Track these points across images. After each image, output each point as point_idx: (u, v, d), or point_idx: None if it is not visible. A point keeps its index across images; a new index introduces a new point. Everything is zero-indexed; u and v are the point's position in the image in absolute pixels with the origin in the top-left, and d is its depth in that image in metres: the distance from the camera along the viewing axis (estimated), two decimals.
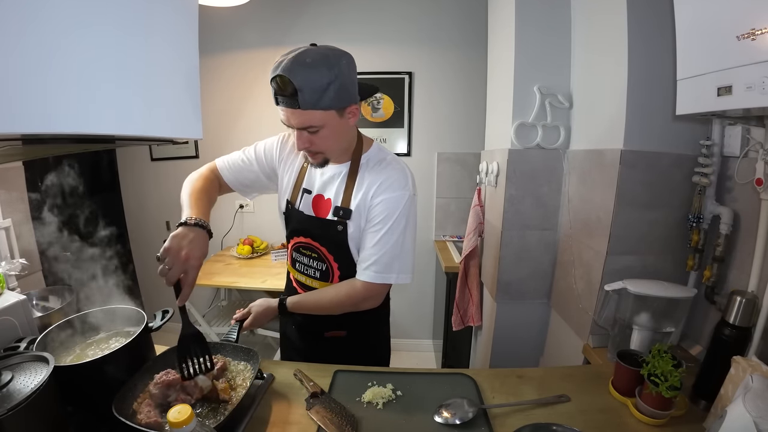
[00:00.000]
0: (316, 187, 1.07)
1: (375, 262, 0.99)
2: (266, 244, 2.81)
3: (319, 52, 0.86)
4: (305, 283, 1.12)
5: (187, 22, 0.63)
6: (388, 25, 2.53)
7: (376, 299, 1.06)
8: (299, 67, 0.83)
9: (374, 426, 0.81)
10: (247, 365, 0.92)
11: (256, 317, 1.09)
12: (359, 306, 1.04)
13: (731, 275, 1.08)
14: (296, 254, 1.13)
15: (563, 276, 1.53)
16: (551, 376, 1.01)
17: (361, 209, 1.00)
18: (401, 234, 0.99)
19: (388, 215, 0.98)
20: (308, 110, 0.86)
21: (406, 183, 1.00)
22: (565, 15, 1.47)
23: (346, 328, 1.12)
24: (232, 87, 2.77)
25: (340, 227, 1.01)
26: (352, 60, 0.91)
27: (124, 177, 3.04)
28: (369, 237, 1.00)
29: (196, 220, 0.87)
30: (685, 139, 1.15)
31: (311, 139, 0.93)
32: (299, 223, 1.08)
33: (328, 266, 1.06)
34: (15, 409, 0.56)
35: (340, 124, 0.93)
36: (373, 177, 1.00)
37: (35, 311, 1.12)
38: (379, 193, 0.98)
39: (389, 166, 1.03)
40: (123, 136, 0.60)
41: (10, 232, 1.43)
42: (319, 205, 1.06)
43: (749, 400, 0.64)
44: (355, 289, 1.01)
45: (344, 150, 1.03)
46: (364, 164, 1.04)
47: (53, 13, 0.44)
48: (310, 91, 0.84)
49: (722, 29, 0.68)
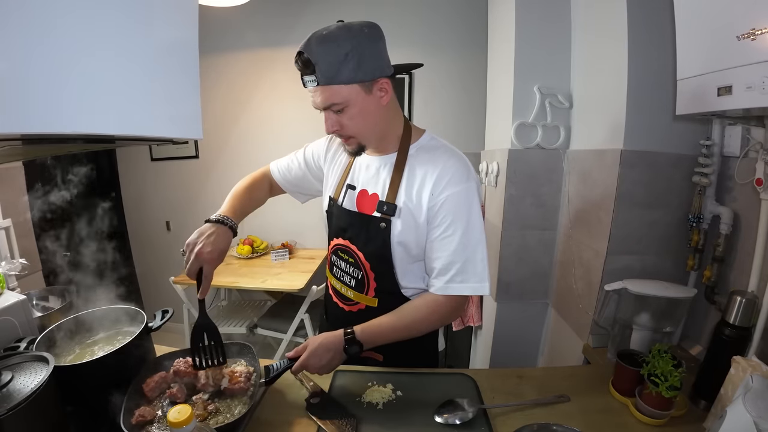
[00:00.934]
0: (360, 182, 0.97)
1: (458, 272, 0.87)
2: (266, 244, 2.81)
3: (339, 25, 0.80)
4: (341, 291, 1.02)
5: (187, 22, 0.63)
6: (388, 24, 2.52)
7: (460, 310, 0.94)
8: (315, 39, 0.78)
9: (374, 426, 0.81)
10: (242, 361, 0.92)
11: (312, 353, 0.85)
12: (446, 321, 0.95)
13: (731, 275, 1.08)
14: (334, 257, 1.03)
15: (563, 276, 1.53)
16: (551, 376, 1.00)
17: (413, 207, 0.89)
18: (479, 234, 0.88)
19: (458, 214, 0.86)
20: (327, 85, 0.80)
21: (468, 172, 0.89)
22: (565, 15, 1.47)
23: (384, 353, 1.00)
24: (232, 87, 2.77)
25: (383, 224, 0.90)
26: (376, 30, 0.83)
27: (124, 177, 3.04)
28: (442, 244, 0.88)
29: (219, 216, 0.90)
30: (685, 139, 1.15)
31: (339, 120, 0.85)
32: (340, 220, 0.99)
33: (364, 275, 0.96)
34: (15, 409, 0.56)
35: (369, 102, 0.84)
36: (427, 169, 0.89)
37: (35, 311, 1.12)
38: (441, 189, 0.86)
39: (444, 154, 0.90)
40: (123, 136, 0.60)
41: (10, 232, 1.43)
42: (363, 200, 0.96)
43: (749, 400, 0.64)
44: (438, 304, 0.90)
45: (383, 136, 0.92)
46: (413, 155, 0.93)
47: (53, 13, 0.44)
48: (327, 63, 0.78)
49: (722, 29, 0.68)
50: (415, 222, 0.89)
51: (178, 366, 0.85)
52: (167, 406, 0.79)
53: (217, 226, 0.88)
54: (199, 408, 0.76)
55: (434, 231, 0.89)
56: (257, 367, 0.90)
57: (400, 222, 0.90)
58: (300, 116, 2.63)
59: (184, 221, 3.05)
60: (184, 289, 2.27)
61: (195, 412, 0.75)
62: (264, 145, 2.77)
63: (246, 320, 2.50)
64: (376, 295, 0.96)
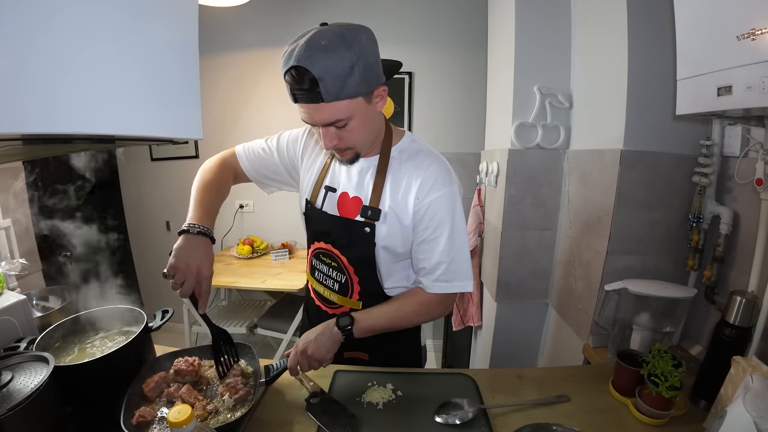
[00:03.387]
0: (341, 184, 0.95)
1: (445, 271, 0.89)
2: (266, 244, 2.81)
3: (333, 31, 0.72)
4: (323, 294, 1.02)
5: (187, 22, 0.63)
6: (388, 24, 2.53)
7: (448, 306, 0.98)
8: (314, 51, 0.69)
9: (374, 426, 0.81)
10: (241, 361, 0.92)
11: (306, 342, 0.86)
12: (434, 316, 0.97)
13: (731, 275, 1.08)
14: (315, 261, 1.02)
15: (563, 276, 1.53)
16: (551, 376, 1.00)
17: (398, 210, 0.89)
18: (463, 235, 0.91)
19: (444, 217, 0.88)
20: (333, 102, 0.74)
21: (450, 176, 0.90)
22: (566, 15, 1.47)
23: (369, 351, 1.02)
24: (232, 87, 2.77)
25: (367, 229, 0.89)
26: (371, 34, 0.78)
27: (124, 177, 3.04)
28: (430, 245, 0.89)
29: (199, 227, 0.83)
30: (685, 139, 1.15)
31: (339, 134, 0.81)
32: (320, 225, 0.97)
33: (348, 279, 0.95)
34: (15, 409, 0.56)
35: (368, 112, 0.81)
36: (411, 173, 0.89)
37: (35, 311, 1.12)
38: (426, 193, 0.87)
39: (428, 158, 0.91)
40: (123, 136, 0.60)
41: (10, 232, 1.43)
42: (345, 204, 0.94)
43: (749, 400, 0.64)
44: (427, 299, 0.93)
45: (373, 141, 0.91)
46: (395, 157, 0.92)
47: (53, 13, 0.44)
48: (332, 78, 0.71)
49: (722, 29, 0.68)
50: (401, 225, 0.90)
51: (179, 365, 0.85)
52: (167, 406, 0.79)
53: (199, 239, 0.81)
54: (199, 408, 0.76)
55: (421, 233, 0.90)
56: (257, 366, 0.90)
57: (385, 226, 0.90)
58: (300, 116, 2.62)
59: (183, 221, 3.04)
60: None
61: (195, 413, 0.76)
62: None
63: (246, 320, 2.50)
64: (360, 298, 0.97)
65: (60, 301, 1.18)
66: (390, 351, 1.02)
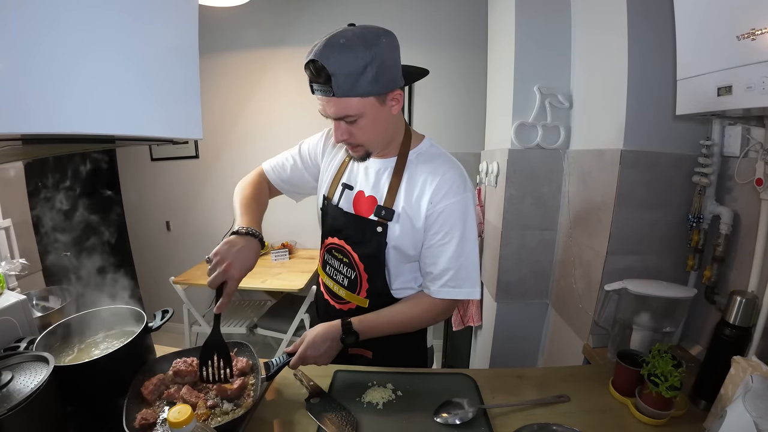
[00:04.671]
0: (358, 182, 0.98)
1: (452, 278, 0.90)
2: (266, 244, 2.81)
3: (354, 32, 0.77)
4: (332, 288, 1.03)
5: (187, 22, 0.63)
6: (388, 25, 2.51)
7: (451, 311, 1.00)
8: (332, 49, 0.74)
9: (374, 426, 0.81)
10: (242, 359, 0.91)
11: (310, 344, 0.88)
12: (438, 320, 0.98)
13: (731, 275, 1.08)
14: (328, 256, 1.04)
15: (563, 276, 1.53)
16: (551, 376, 1.00)
17: (411, 213, 0.91)
18: (473, 243, 0.91)
19: (455, 224, 0.89)
20: (344, 97, 0.78)
21: (465, 184, 0.91)
22: (566, 15, 1.47)
23: (374, 349, 1.02)
24: (232, 87, 2.77)
25: (379, 228, 0.91)
26: (393, 39, 0.81)
27: (124, 177, 3.04)
28: (439, 251, 0.91)
29: (248, 229, 0.85)
30: (685, 139, 1.15)
31: (350, 130, 0.84)
32: (335, 220, 0.99)
33: (358, 275, 0.97)
34: (15, 409, 0.56)
35: (381, 113, 0.84)
36: (426, 177, 0.91)
37: (35, 311, 1.12)
38: (440, 199, 0.89)
39: (445, 164, 0.92)
40: (123, 136, 0.60)
41: (10, 232, 1.43)
42: (360, 202, 0.96)
43: (749, 400, 0.64)
44: (432, 305, 0.94)
45: (388, 142, 0.93)
46: (412, 160, 0.94)
47: (54, 14, 0.44)
48: (344, 75, 0.75)
49: (722, 29, 0.68)
50: (413, 227, 0.91)
51: (177, 366, 0.85)
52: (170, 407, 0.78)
53: (247, 239, 0.83)
54: (199, 408, 0.76)
55: (431, 238, 0.91)
56: (257, 363, 0.90)
57: (398, 227, 0.92)
58: (300, 116, 2.62)
59: (184, 221, 3.05)
60: (184, 289, 2.27)
61: (197, 412, 0.76)
62: (264, 144, 2.76)
63: (246, 320, 2.50)
64: (367, 296, 0.97)
65: (60, 301, 1.18)
66: (394, 350, 1.01)
